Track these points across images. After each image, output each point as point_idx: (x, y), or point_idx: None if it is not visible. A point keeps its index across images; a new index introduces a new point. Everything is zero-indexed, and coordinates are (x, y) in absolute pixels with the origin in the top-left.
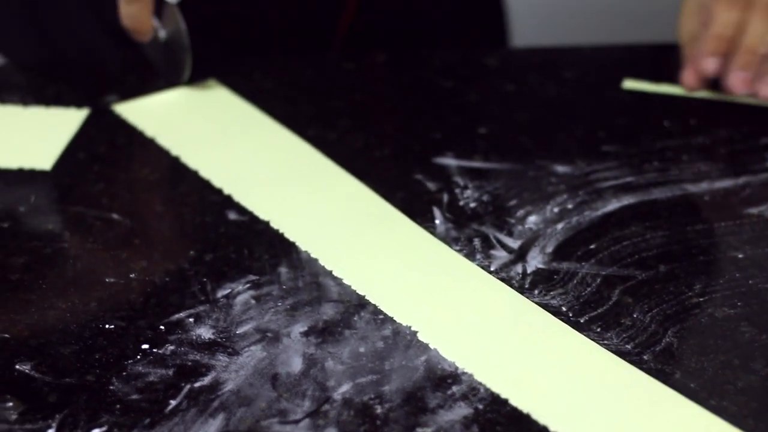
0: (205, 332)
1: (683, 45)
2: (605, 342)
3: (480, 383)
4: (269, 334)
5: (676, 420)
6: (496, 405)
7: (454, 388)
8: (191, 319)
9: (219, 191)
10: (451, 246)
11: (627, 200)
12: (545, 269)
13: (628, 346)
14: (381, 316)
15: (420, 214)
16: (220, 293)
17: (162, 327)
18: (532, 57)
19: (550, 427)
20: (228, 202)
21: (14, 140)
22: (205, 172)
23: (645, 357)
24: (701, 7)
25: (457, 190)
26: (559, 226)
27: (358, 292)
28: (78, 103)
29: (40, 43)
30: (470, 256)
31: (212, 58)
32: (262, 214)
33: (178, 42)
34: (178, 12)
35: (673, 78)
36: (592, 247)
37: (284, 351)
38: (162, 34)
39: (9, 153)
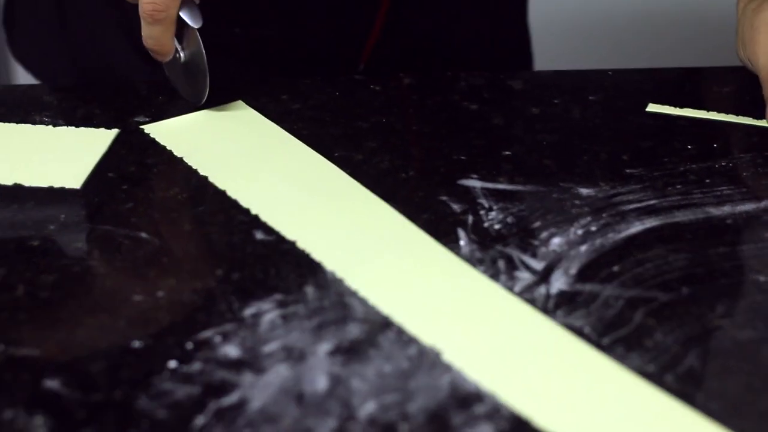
0: (231, 350)
1: (760, 69)
2: (627, 363)
3: (503, 403)
4: (295, 353)
5: None
6: (519, 425)
7: (478, 408)
8: (218, 338)
9: (246, 211)
10: (475, 267)
11: (650, 223)
12: (569, 291)
13: (651, 368)
14: (405, 336)
15: (445, 235)
16: (247, 312)
17: (189, 345)
18: (557, 80)
19: None
20: (255, 222)
21: (45, 159)
22: (233, 192)
23: (667, 378)
24: None
25: (482, 212)
26: (583, 248)
27: (383, 312)
28: (108, 124)
29: (72, 63)
30: (494, 277)
31: (240, 80)
32: (288, 234)
33: (198, 65)
34: (198, 36)
35: (696, 102)
36: (615, 269)
37: (310, 369)
38: (182, 55)
39: (40, 172)
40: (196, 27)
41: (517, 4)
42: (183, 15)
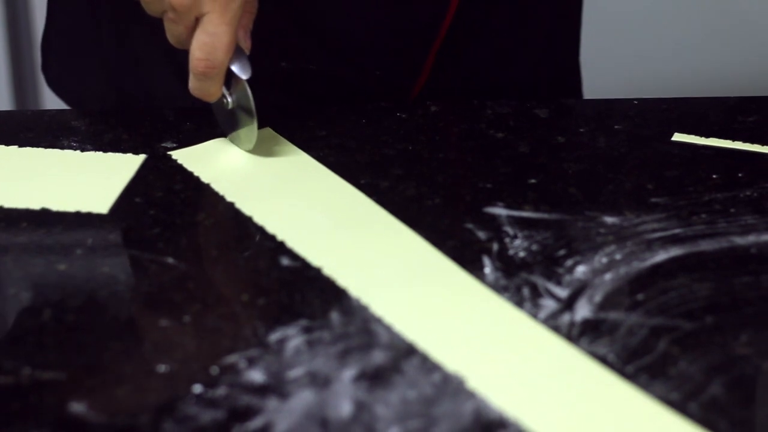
0: (256, 375)
1: None
2: (651, 391)
3: (527, 431)
4: (320, 379)
5: None
6: None
7: None
8: (243, 363)
9: (273, 237)
10: (500, 294)
11: (675, 252)
12: (593, 319)
13: (674, 396)
14: (430, 363)
15: (470, 263)
16: (273, 337)
17: (214, 369)
18: (583, 109)
19: None
20: (281, 248)
21: (72, 184)
22: (259, 218)
23: (691, 407)
24: None
25: (507, 240)
26: (608, 276)
27: (407, 338)
28: (135, 149)
29: (109, 88)
30: (519, 304)
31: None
32: (314, 260)
33: (246, 112)
34: (248, 86)
35: (721, 131)
36: (639, 297)
37: (334, 395)
38: (230, 101)
39: (67, 196)
40: (245, 78)
41: (569, 38)
42: (233, 68)
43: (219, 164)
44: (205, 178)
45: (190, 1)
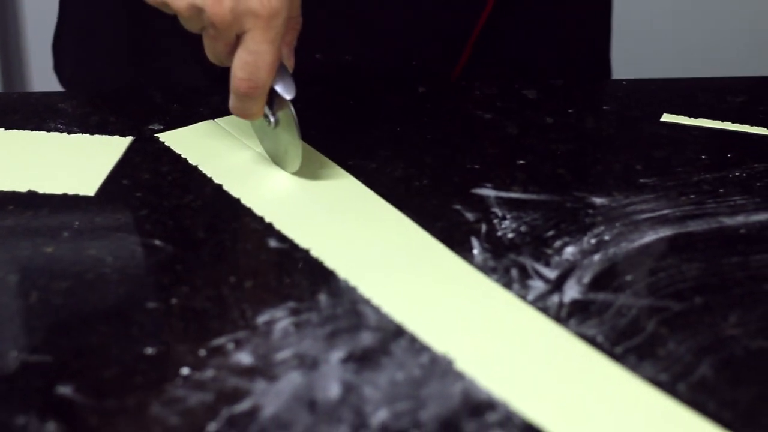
0: (244, 357)
1: None
2: (640, 372)
3: (515, 412)
4: (308, 360)
5: None
6: None
7: (490, 417)
8: (231, 345)
9: (260, 219)
10: (488, 276)
11: (664, 232)
12: (582, 300)
13: (663, 377)
14: (418, 345)
15: (458, 244)
16: (260, 319)
17: (202, 352)
18: (571, 90)
19: None
20: (269, 229)
21: (59, 167)
22: (247, 201)
23: (679, 388)
24: None
25: (495, 221)
26: (596, 257)
27: (395, 320)
28: (122, 131)
29: (129, 82)
30: (507, 285)
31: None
32: (302, 242)
33: (289, 132)
34: (292, 106)
35: (710, 112)
36: (628, 278)
37: (322, 377)
38: (272, 121)
39: (54, 179)
40: (289, 98)
41: (601, 19)
42: (277, 88)
43: (207, 146)
44: (192, 160)
45: (232, 17)
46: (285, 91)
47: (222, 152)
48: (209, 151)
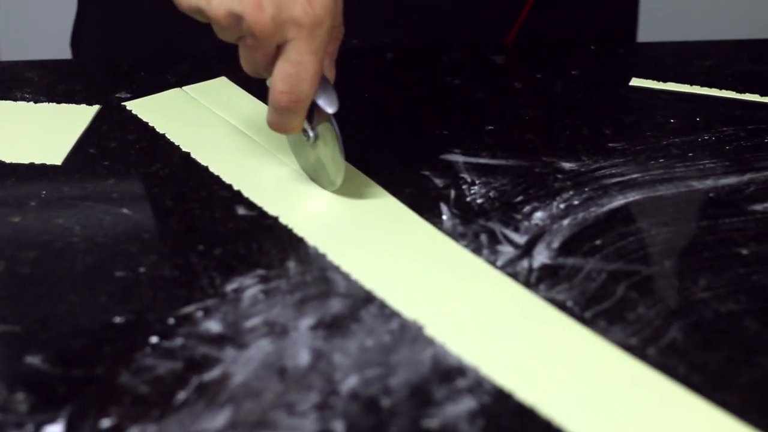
0: (213, 326)
1: None
2: (610, 336)
3: (485, 377)
4: (277, 328)
5: (680, 414)
6: (501, 399)
7: (460, 382)
8: (200, 313)
9: (229, 186)
10: (457, 241)
11: (633, 196)
12: (551, 264)
13: (633, 341)
14: (388, 311)
15: (427, 210)
16: (229, 287)
17: (171, 320)
18: (539, 54)
19: (554, 421)
20: (237, 197)
21: (26, 136)
22: (215, 168)
23: (649, 351)
24: None
25: (464, 186)
26: (565, 222)
27: (365, 286)
28: (89, 100)
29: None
30: (477, 251)
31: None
32: (270, 209)
33: (330, 147)
34: (334, 120)
35: (679, 76)
36: (597, 242)
37: (292, 344)
38: (312, 136)
39: (20, 148)
40: (331, 112)
41: None
42: (319, 101)
43: (175, 114)
44: (160, 128)
45: (273, 26)
46: (327, 105)
47: (190, 120)
48: (177, 119)
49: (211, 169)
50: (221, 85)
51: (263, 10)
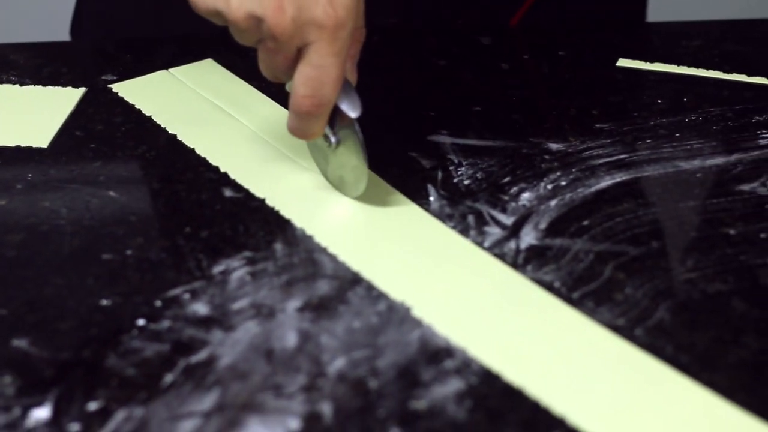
0: (200, 308)
1: None
2: (597, 317)
3: (473, 358)
4: (264, 310)
5: (668, 394)
6: (489, 379)
7: (448, 363)
8: (187, 295)
9: (215, 169)
10: (445, 222)
11: (620, 177)
12: (538, 245)
13: (620, 321)
14: (375, 292)
15: (414, 191)
16: (216, 269)
17: (158, 303)
18: (527, 36)
19: (542, 402)
20: (224, 179)
21: (11, 118)
22: (202, 150)
23: (637, 332)
24: None
25: (451, 168)
26: (553, 202)
27: (352, 268)
28: (75, 83)
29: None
30: (464, 232)
31: (211, 39)
32: (257, 191)
33: (353, 153)
34: (357, 125)
35: (666, 56)
36: (585, 223)
37: (279, 326)
38: (333, 141)
39: (6, 131)
40: (354, 116)
41: None
42: (342, 105)
43: (161, 96)
44: (146, 111)
45: (294, 28)
46: (350, 109)
47: (176, 102)
48: (163, 101)
49: (198, 151)
50: (207, 66)
51: (284, 12)
